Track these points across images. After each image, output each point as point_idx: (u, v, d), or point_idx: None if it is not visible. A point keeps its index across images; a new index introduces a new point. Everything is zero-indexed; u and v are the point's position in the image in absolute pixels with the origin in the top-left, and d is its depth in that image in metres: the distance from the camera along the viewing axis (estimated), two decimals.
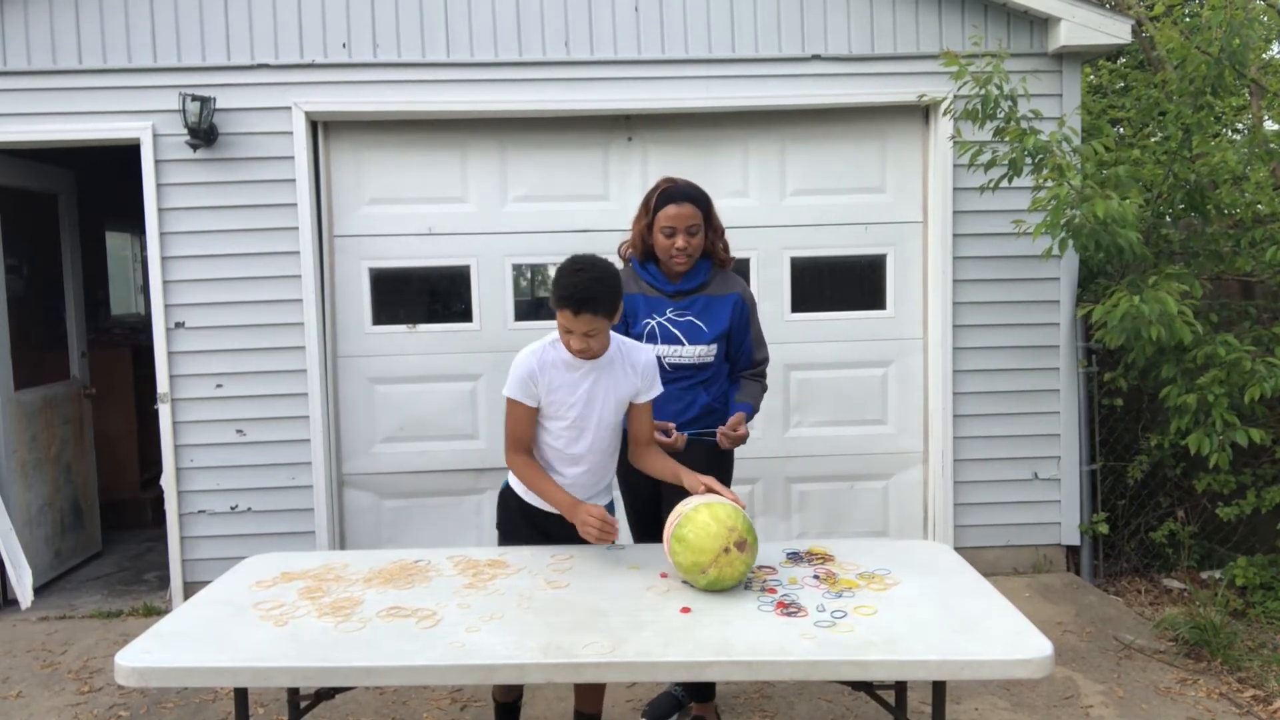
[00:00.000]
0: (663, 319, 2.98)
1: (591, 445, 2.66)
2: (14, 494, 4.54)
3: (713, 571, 2.24)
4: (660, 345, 2.94)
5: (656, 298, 3.00)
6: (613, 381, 2.64)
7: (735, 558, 2.24)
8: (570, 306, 2.44)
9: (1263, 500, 4.23)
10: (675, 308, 2.99)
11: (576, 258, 2.53)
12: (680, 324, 2.98)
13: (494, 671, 1.98)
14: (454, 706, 3.42)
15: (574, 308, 2.44)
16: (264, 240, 4.37)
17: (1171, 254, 4.71)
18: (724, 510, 2.30)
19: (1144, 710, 3.31)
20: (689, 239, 2.90)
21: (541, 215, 4.57)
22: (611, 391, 2.64)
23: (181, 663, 1.99)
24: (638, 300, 3.00)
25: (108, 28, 4.28)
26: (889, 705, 2.45)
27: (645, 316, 2.99)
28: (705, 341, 2.97)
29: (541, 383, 2.60)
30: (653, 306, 3.00)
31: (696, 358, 2.97)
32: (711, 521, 2.25)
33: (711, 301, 3.00)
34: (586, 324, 2.46)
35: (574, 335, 2.50)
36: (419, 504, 4.62)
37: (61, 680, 3.72)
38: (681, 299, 2.99)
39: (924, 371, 4.72)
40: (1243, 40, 4.09)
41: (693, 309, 2.99)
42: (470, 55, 4.38)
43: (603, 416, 2.64)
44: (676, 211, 2.89)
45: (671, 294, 2.99)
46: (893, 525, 4.78)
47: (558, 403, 2.61)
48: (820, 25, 4.48)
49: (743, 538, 2.25)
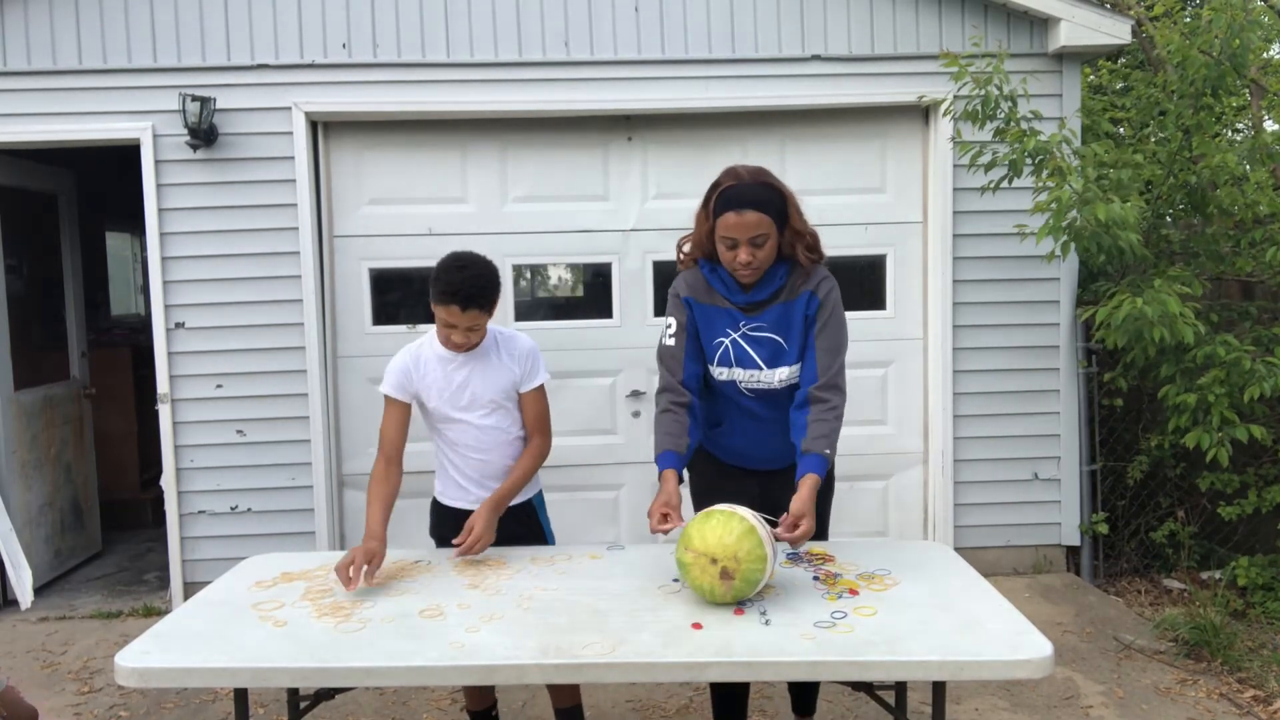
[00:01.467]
0: (738, 336, 2.54)
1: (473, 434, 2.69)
2: (14, 494, 4.54)
3: (689, 559, 2.16)
4: (735, 369, 2.54)
5: (728, 310, 2.54)
6: (490, 370, 2.68)
7: (713, 578, 2.13)
8: (457, 302, 2.49)
9: (1263, 500, 4.23)
10: (749, 322, 2.53)
11: (458, 254, 2.60)
12: (757, 342, 2.53)
13: (494, 672, 1.98)
14: (454, 707, 3.42)
15: (461, 303, 2.50)
16: (264, 240, 4.37)
17: (1172, 255, 4.71)
18: (750, 541, 2.13)
19: (1144, 710, 3.31)
20: (754, 251, 2.40)
21: (541, 215, 4.57)
22: (489, 381, 2.68)
23: (181, 663, 1.99)
24: (709, 312, 2.55)
25: (108, 28, 4.28)
26: (889, 705, 2.45)
27: (719, 334, 2.55)
28: (789, 362, 2.52)
29: (415, 378, 2.67)
30: (725, 320, 2.54)
31: (780, 382, 2.53)
32: (729, 534, 2.13)
33: (787, 309, 2.52)
34: (471, 319, 2.53)
35: (457, 330, 2.56)
36: (419, 504, 4.57)
37: (61, 681, 3.72)
38: (755, 311, 2.52)
39: (924, 372, 4.72)
40: (1243, 41, 4.09)
41: (769, 321, 2.52)
42: (470, 55, 4.38)
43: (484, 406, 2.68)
44: (737, 221, 2.39)
45: (743, 305, 2.52)
46: (893, 525, 4.78)
47: (435, 394, 2.67)
48: (820, 25, 4.48)
49: (733, 571, 2.11)
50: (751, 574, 2.13)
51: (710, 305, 2.55)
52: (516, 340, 2.75)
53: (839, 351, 2.51)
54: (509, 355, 2.71)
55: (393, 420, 2.69)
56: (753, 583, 2.15)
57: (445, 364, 2.67)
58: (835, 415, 2.46)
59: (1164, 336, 3.75)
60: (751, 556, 2.13)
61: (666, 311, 2.63)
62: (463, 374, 2.67)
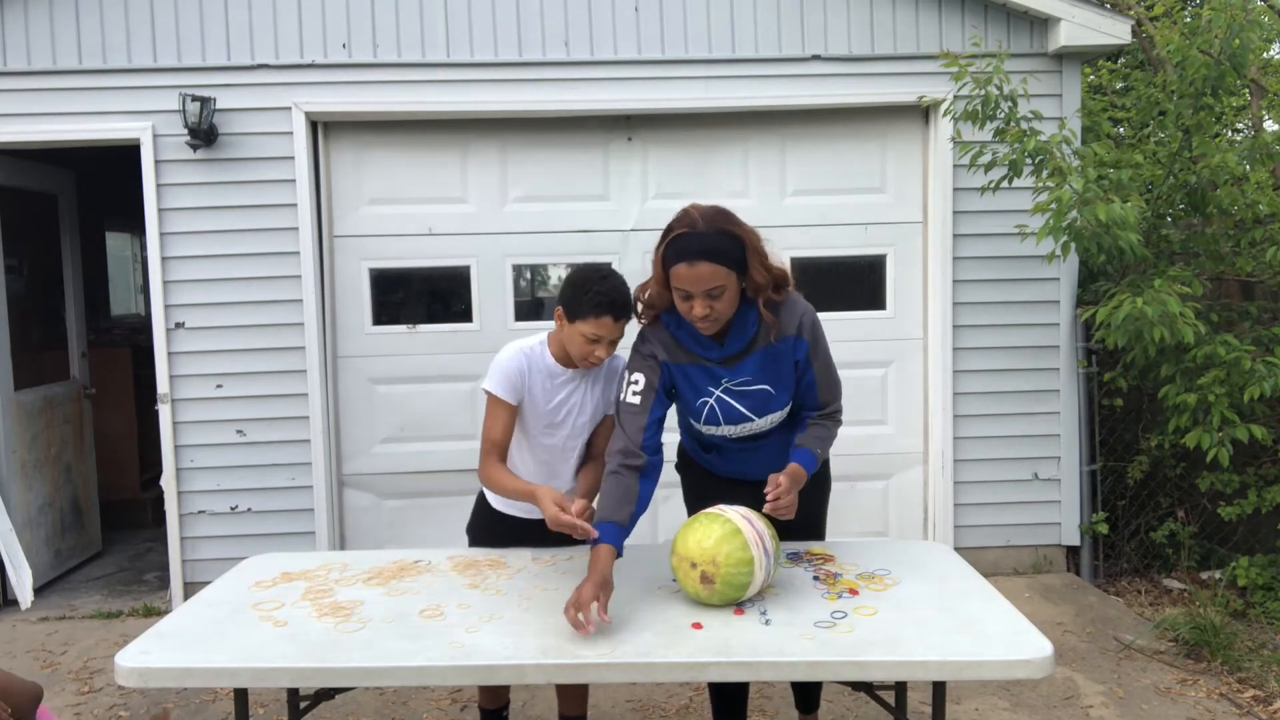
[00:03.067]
0: (720, 393, 2.40)
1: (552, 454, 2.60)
2: (14, 494, 4.54)
3: (675, 563, 2.19)
4: (724, 426, 2.44)
5: (707, 368, 2.38)
6: (593, 393, 2.58)
7: (695, 582, 2.14)
8: (613, 312, 2.35)
9: (1263, 500, 4.23)
10: (731, 376, 2.38)
11: (590, 266, 2.46)
12: (743, 396, 2.39)
13: (494, 672, 1.98)
14: (454, 707, 3.42)
15: (616, 313, 2.36)
16: (264, 240, 4.37)
17: (1172, 254, 4.72)
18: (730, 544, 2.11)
19: (1144, 710, 3.31)
20: (711, 304, 2.22)
21: (541, 215, 4.57)
22: (589, 404, 2.58)
23: (181, 663, 1.99)
24: (688, 372, 2.39)
25: (108, 28, 4.28)
26: (889, 705, 2.45)
27: (701, 394, 2.41)
28: (779, 408, 2.43)
29: (526, 383, 2.51)
30: (705, 379, 2.39)
31: (769, 424, 2.47)
32: (708, 537, 2.13)
33: (768, 355, 2.36)
34: (621, 330, 2.40)
35: (601, 344, 2.40)
36: (419, 504, 4.62)
37: (61, 680, 3.72)
38: (733, 364, 2.37)
39: (924, 372, 4.72)
40: (1243, 41, 4.09)
41: (750, 372, 2.37)
42: (470, 55, 4.38)
43: (574, 429, 2.58)
44: (689, 273, 2.20)
45: (720, 360, 2.37)
46: (893, 525, 4.78)
47: (532, 405, 2.54)
48: (820, 25, 4.48)
49: (712, 575, 2.11)
50: (733, 577, 2.11)
51: (687, 364, 2.39)
52: (617, 360, 2.59)
53: (835, 384, 2.49)
54: (610, 376, 2.58)
55: (503, 422, 2.47)
56: (737, 585, 2.12)
57: (552, 379, 2.52)
58: (834, 424, 2.51)
59: (1164, 336, 3.75)
60: (732, 560, 2.10)
61: (630, 365, 2.41)
62: (563, 394, 2.54)
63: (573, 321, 2.40)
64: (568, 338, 2.44)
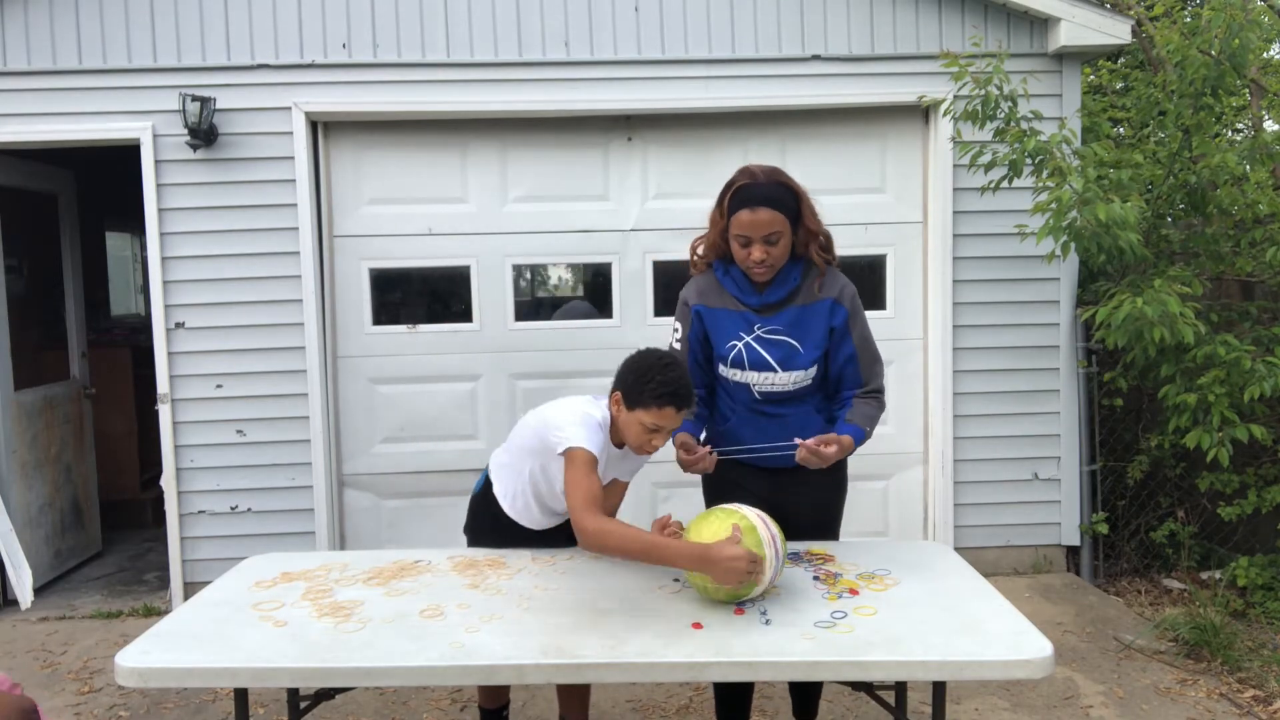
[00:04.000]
0: (751, 339, 2.54)
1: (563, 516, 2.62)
2: (14, 494, 4.54)
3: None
4: (749, 372, 2.54)
5: (742, 313, 2.55)
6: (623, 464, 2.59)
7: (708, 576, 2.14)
8: (675, 403, 2.31)
9: (1263, 500, 4.23)
10: (764, 324, 2.53)
11: (655, 353, 2.38)
12: (772, 344, 2.53)
13: (494, 672, 1.98)
14: (454, 707, 3.42)
15: (678, 404, 2.31)
16: (264, 240, 4.37)
17: (1172, 254, 4.72)
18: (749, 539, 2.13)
19: (1144, 710, 3.31)
20: (768, 249, 2.43)
21: (541, 215, 4.57)
22: (613, 472, 2.59)
23: (181, 663, 1.99)
24: (720, 316, 2.56)
25: (107, 28, 4.28)
26: (889, 705, 2.45)
27: (731, 337, 2.55)
28: (803, 365, 2.53)
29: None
30: (739, 323, 2.55)
31: (793, 384, 2.55)
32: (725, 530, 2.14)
33: (804, 313, 2.53)
34: (680, 421, 2.37)
35: (661, 433, 2.36)
36: (419, 504, 4.62)
37: (61, 680, 3.72)
38: (770, 313, 2.53)
39: (924, 372, 4.72)
40: (1243, 41, 4.09)
41: (783, 323, 2.52)
42: (470, 55, 4.38)
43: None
44: (750, 219, 2.42)
45: (757, 307, 2.53)
46: (893, 525, 4.78)
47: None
48: (820, 25, 4.48)
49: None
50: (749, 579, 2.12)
51: (721, 309, 2.56)
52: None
53: (878, 362, 2.62)
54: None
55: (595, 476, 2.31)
56: (748, 584, 2.14)
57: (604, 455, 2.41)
58: (879, 406, 2.62)
59: (1164, 336, 3.75)
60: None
61: (675, 315, 2.68)
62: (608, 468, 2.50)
63: (632, 409, 2.36)
64: (624, 424, 2.40)
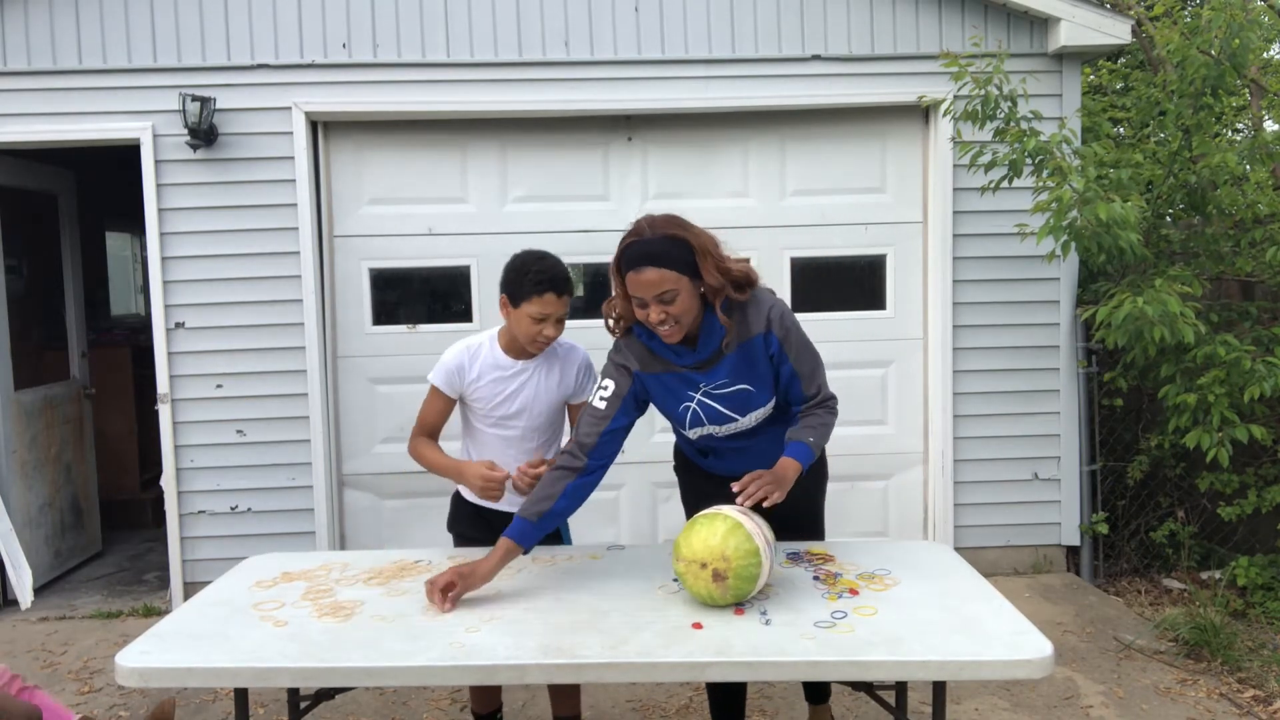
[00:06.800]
0: (700, 397, 2.42)
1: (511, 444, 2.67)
2: (14, 494, 4.54)
3: (682, 569, 2.16)
4: (709, 426, 2.45)
5: (681, 374, 2.40)
6: (548, 381, 2.64)
7: (707, 582, 2.12)
8: (554, 288, 2.45)
9: (1263, 500, 4.23)
10: (707, 380, 2.39)
11: (526, 251, 2.57)
12: (724, 398, 2.41)
13: (494, 672, 1.98)
14: (454, 707, 3.42)
15: (558, 288, 2.46)
16: (264, 240, 4.37)
17: (1172, 254, 4.72)
18: (736, 538, 2.12)
19: (1144, 710, 3.31)
20: (665, 309, 2.23)
21: (541, 215, 4.57)
22: (544, 393, 2.64)
23: (181, 663, 1.98)
24: (665, 381, 2.41)
25: (108, 28, 4.28)
26: (889, 705, 2.45)
27: (681, 399, 2.42)
28: (763, 403, 2.43)
29: (469, 377, 2.62)
30: (684, 385, 2.41)
31: (755, 421, 2.47)
32: (713, 535, 2.13)
33: (742, 355, 2.37)
34: (565, 306, 2.50)
35: (548, 322, 2.49)
36: (419, 504, 4.61)
37: (61, 681, 3.72)
38: (708, 368, 2.38)
39: (924, 372, 4.72)
40: (1243, 41, 4.09)
41: (726, 374, 2.38)
42: (470, 55, 4.38)
43: (533, 416, 2.65)
44: (637, 280, 2.23)
45: (694, 365, 2.38)
46: (893, 525, 4.78)
47: (482, 399, 2.63)
48: (820, 25, 4.48)
49: (724, 571, 2.11)
50: (745, 570, 2.11)
51: (663, 374, 2.40)
52: (576, 351, 2.70)
53: (817, 369, 2.44)
54: (566, 365, 2.66)
55: (436, 409, 2.68)
56: (749, 578, 2.13)
57: (501, 370, 2.62)
58: (828, 412, 2.45)
59: (1164, 336, 3.75)
60: (740, 552, 2.11)
61: (604, 371, 2.44)
62: (515, 384, 2.62)
63: (517, 305, 2.50)
64: (515, 323, 2.53)
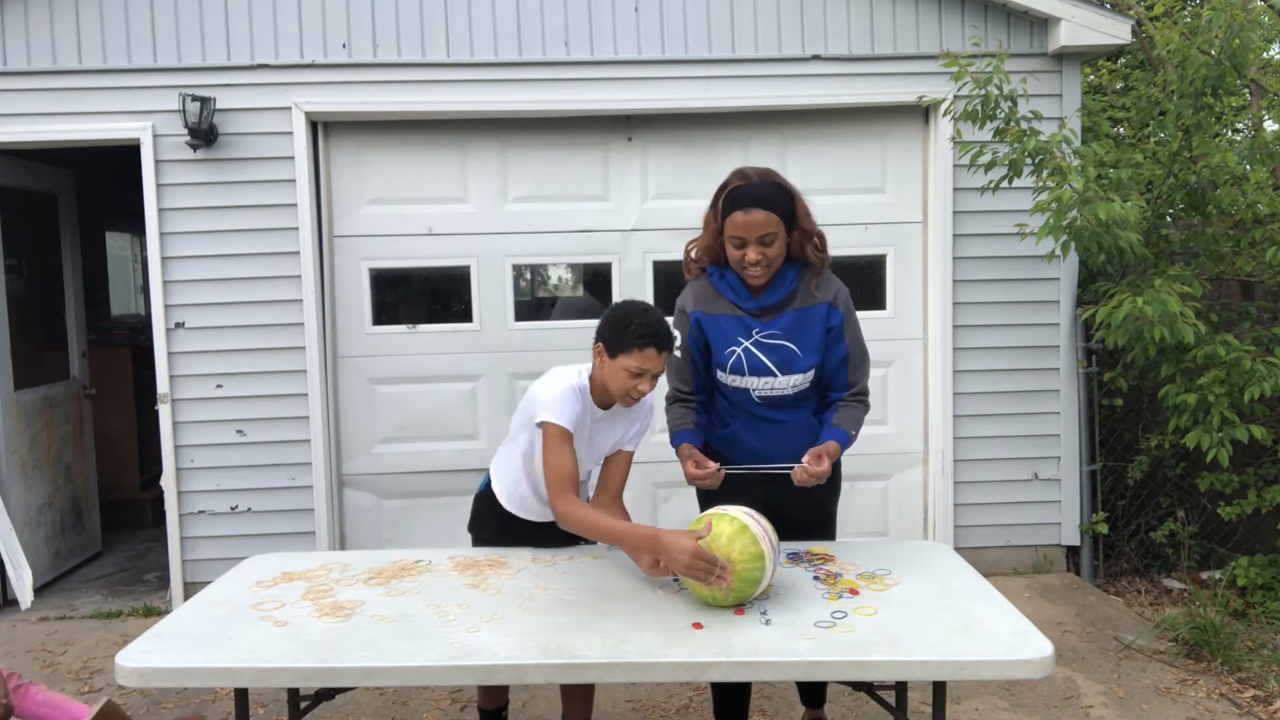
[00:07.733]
0: (749, 344, 2.53)
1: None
2: (14, 494, 4.54)
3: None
4: (749, 377, 2.54)
5: (739, 317, 2.54)
6: (611, 431, 2.57)
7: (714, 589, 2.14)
8: (655, 344, 2.34)
9: (1263, 500, 4.24)
10: (762, 329, 2.53)
11: (631, 301, 2.45)
12: (770, 349, 2.52)
13: (494, 672, 1.98)
14: (454, 707, 3.42)
15: (659, 345, 2.35)
16: (264, 240, 4.37)
17: (1172, 254, 4.71)
18: (742, 540, 2.12)
19: (1144, 710, 3.31)
20: (763, 250, 2.43)
21: (541, 215, 4.57)
22: (604, 442, 2.58)
23: (181, 663, 1.98)
24: (719, 322, 2.55)
25: (107, 28, 4.28)
26: (889, 705, 2.45)
27: (730, 343, 2.54)
28: (802, 369, 2.53)
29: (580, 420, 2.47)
30: (737, 329, 2.54)
31: (792, 388, 2.55)
32: (719, 536, 2.13)
33: (801, 316, 2.53)
34: (664, 364, 2.40)
35: (644, 378, 2.37)
36: (419, 504, 4.62)
37: (62, 680, 3.72)
38: (767, 317, 2.53)
39: (924, 371, 4.72)
40: (1243, 41, 4.09)
41: (781, 327, 2.52)
42: (470, 55, 4.38)
43: (587, 462, 2.57)
44: (745, 220, 2.41)
45: (755, 311, 2.53)
46: (893, 525, 4.78)
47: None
48: (820, 25, 4.48)
49: (728, 574, 2.12)
50: (748, 572, 2.12)
51: (719, 314, 2.55)
52: (644, 404, 2.58)
53: (865, 362, 2.61)
54: (631, 418, 2.58)
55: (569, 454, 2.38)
56: (752, 580, 2.13)
57: (593, 418, 2.50)
58: (863, 409, 2.61)
59: (1164, 336, 3.75)
60: (745, 555, 2.12)
61: (673, 322, 2.58)
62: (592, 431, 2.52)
63: (614, 357, 2.38)
64: (609, 374, 2.41)
